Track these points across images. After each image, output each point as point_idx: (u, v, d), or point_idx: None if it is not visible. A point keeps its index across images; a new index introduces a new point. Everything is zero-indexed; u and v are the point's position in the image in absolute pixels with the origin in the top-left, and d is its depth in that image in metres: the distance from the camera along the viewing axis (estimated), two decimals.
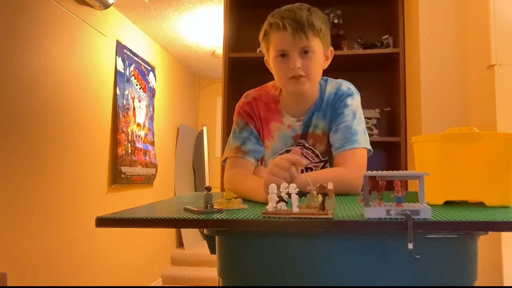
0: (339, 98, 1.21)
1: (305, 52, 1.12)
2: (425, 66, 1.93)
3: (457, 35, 1.90)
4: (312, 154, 1.23)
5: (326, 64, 1.21)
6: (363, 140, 1.17)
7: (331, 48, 1.22)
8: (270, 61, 1.19)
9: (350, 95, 1.21)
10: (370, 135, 2.25)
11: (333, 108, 1.21)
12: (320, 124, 1.22)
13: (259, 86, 1.32)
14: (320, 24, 1.13)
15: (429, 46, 1.93)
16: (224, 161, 1.25)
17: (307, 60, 1.13)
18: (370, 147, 1.19)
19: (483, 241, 0.77)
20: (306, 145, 1.23)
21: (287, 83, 1.16)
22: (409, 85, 2.14)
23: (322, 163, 1.24)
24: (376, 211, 0.61)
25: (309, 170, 1.21)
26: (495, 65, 1.59)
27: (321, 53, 1.16)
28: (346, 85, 1.24)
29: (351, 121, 1.17)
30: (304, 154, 1.21)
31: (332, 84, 1.24)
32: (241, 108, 1.27)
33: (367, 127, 2.24)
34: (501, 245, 1.48)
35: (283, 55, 1.13)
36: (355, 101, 1.21)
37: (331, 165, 1.22)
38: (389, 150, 2.36)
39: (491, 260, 1.53)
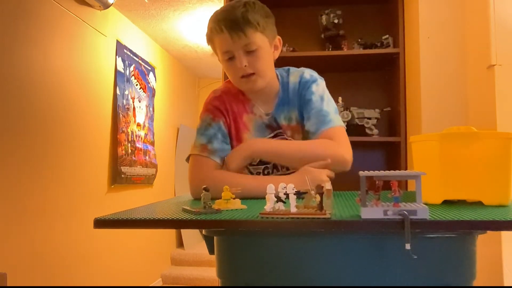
0: (304, 86, 1.21)
1: (249, 49, 1.11)
2: (425, 66, 1.93)
3: (457, 35, 1.90)
4: None
5: (276, 54, 1.21)
6: (336, 119, 1.17)
7: (278, 37, 1.21)
8: (221, 64, 1.20)
9: (314, 81, 1.21)
10: (370, 135, 2.25)
11: (300, 97, 1.21)
12: (291, 114, 1.22)
13: (225, 81, 1.30)
14: (257, 17, 1.11)
15: (429, 46, 1.93)
16: (188, 159, 1.20)
17: (253, 57, 1.12)
18: (344, 125, 1.19)
19: (483, 240, 0.77)
20: (285, 136, 1.22)
21: (240, 83, 1.17)
22: (409, 85, 2.13)
23: None
24: (373, 211, 0.61)
25: None
26: (495, 65, 1.59)
27: (267, 46, 1.15)
28: (309, 73, 1.24)
29: (320, 105, 1.17)
30: None
31: (295, 74, 1.24)
32: (209, 103, 1.23)
33: (367, 127, 2.26)
34: (501, 245, 1.48)
35: (230, 57, 1.13)
36: (319, 87, 1.21)
37: None
38: (389, 150, 2.36)
39: (491, 260, 1.53)
